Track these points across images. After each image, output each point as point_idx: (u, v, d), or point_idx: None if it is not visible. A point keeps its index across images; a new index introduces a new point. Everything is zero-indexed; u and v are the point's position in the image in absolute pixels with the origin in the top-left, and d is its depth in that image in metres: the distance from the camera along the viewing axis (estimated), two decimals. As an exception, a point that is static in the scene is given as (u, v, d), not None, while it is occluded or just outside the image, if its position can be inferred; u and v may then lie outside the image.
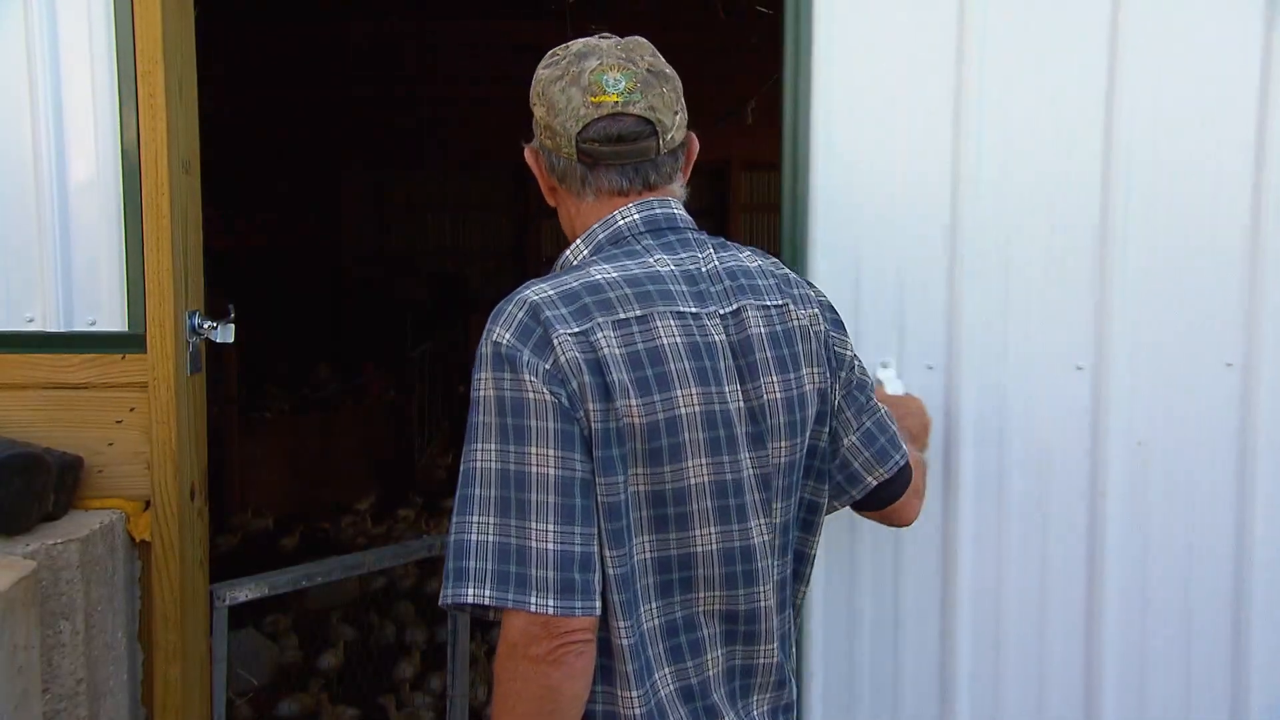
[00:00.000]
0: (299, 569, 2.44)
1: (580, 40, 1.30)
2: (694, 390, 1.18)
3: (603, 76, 1.24)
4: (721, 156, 17.25)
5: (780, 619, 1.28)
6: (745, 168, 17.95)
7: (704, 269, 1.27)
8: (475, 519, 1.12)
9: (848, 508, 1.41)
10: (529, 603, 1.10)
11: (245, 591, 2.22)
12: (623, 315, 1.18)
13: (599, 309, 1.18)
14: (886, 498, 1.37)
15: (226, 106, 8.31)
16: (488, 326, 1.19)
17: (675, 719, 1.20)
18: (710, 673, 1.24)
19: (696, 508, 1.19)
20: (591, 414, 1.14)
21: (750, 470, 1.22)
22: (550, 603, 1.11)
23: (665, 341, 1.19)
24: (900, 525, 1.45)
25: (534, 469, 1.12)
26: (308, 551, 6.42)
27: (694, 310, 1.22)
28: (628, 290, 1.20)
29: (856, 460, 1.34)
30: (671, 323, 1.20)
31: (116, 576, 1.90)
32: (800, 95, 1.90)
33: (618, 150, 1.26)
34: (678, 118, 1.30)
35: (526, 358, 1.14)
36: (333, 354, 17.18)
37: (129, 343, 1.92)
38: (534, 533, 1.11)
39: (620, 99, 1.24)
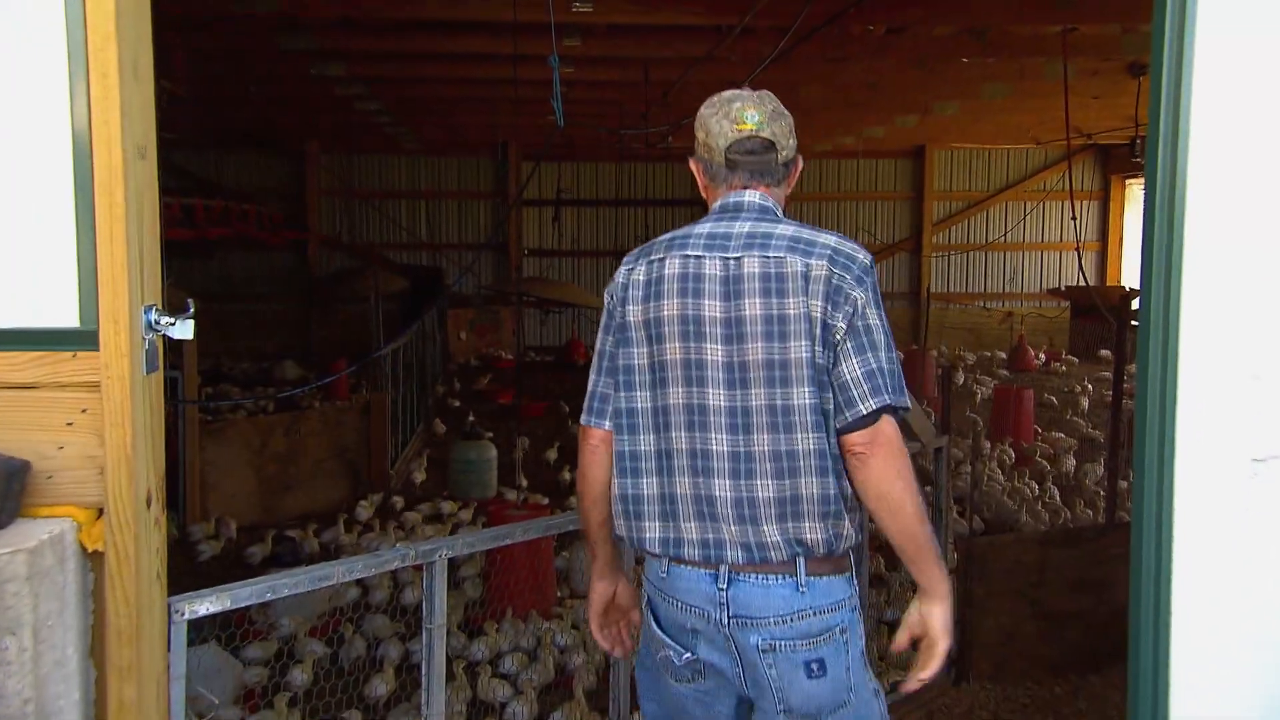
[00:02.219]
0: (263, 580, 2.43)
1: (730, 90, 2.20)
2: (674, 300, 2.11)
3: (744, 112, 2.15)
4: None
5: (785, 462, 2.05)
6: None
7: (731, 231, 2.13)
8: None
9: None
10: (582, 417, 2.26)
11: (205, 605, 2.20)
12: (654, 256, 2.18)
13: (644, 253, 2.21)
14: (843, 431, 2.06)
15: (185, 87, 8.24)
16: None
17: (650, 510, 2.17)
18: (679, 491, 2.14)
19: (671, 374, 2.12)
20: (617, 311, 2.20)
21: (716, 357, 2.08)
22: (583, 417, 2.25)
23: (669, 272, 2.13)
24: (856, 477, 2.06)
25: (597, 343, 2.25)
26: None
27: (697, 254, 2.12)
28: (665, 241, 2.20)
29: (840, 396, 2.05)
30: (677, 260, 2.14)
31: (67, 589, 1.89)
32: (1183, 73, 1.81)
33: (749, 159, 2.16)
34: (790, 142, 2.19)
35: (610, 283, 2.24)
36: (300, 351, 17.15)
37: (81, 340, 1.90)
38: (589, 380, 2.25)
39: (754, 127, 2.14)
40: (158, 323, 1.96)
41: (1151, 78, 1.89)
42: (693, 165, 2.25)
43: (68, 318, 1.90)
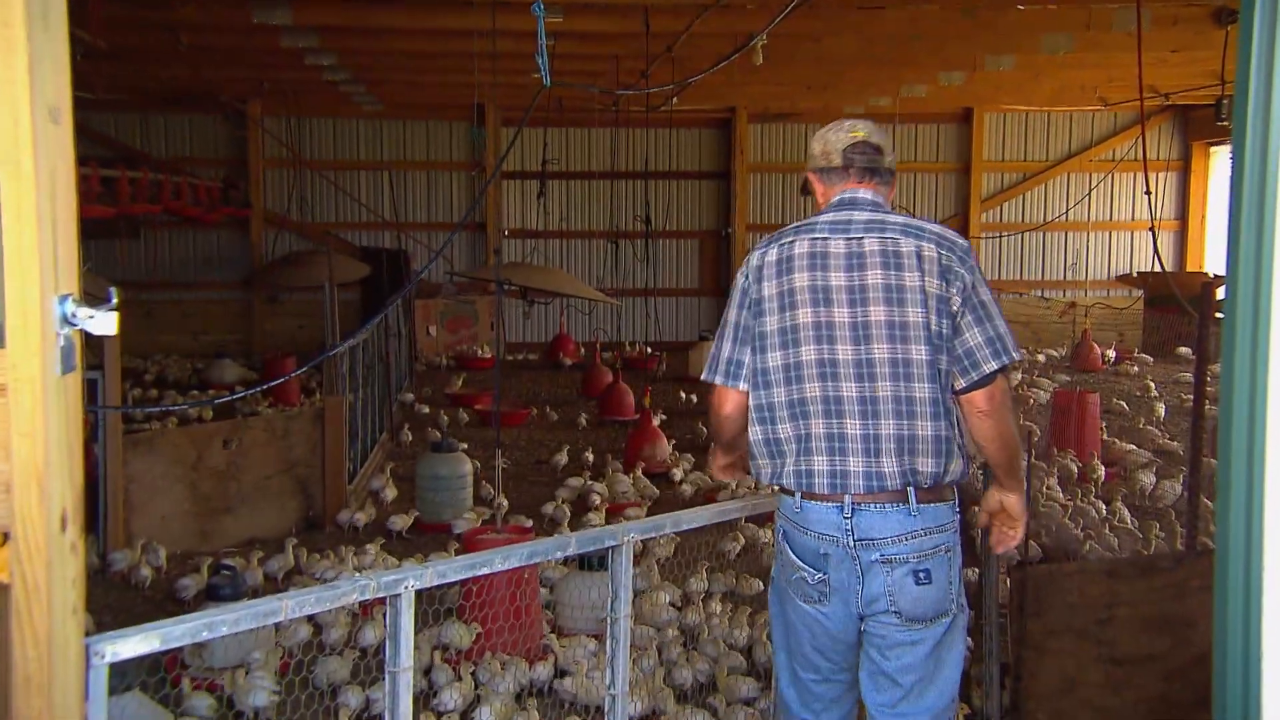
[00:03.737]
0: (198, 617, 2.43)
1: (844, 119, 3.30)
2: (805, 274, 3.07)
3: (856, 125, 3.23)
4: (724, 105, 17.30)
5: (904, 406, 3.01)
6: (754, 119, 18.01)
7: (852, 218, 3.11)
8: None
9: None
10: (713, 377, 3.24)
11: (130, 645, 2.20)
12: (784, 240, 3.15)
13: (775, 239, 3.18)
14: (962, 391, 3.05)
15: (104, 37, 8.24)
16: None
17: (789, 449, 3.10)
18: (814, 431, 3.06)
19: (804, 335, 3.06)
20: (752, 289, 3.16)
21: (842, 318, 3.03)
22: (718, 379, 3.23)
23: (799, 251, 3.09)
24: (977, 427, 3.07)
25: (728, 316, 3.24)
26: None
27: (823, 236, 3.09)
28: (794, 228, 3.17)
29: (965, 360, 3.02)
30: (805, 241, 3.10)
31: (-32, 628, 1.88)
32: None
33: (865, 156, 3.16)
34: (892, 156, 3.24)
35: (743, 265, 3.25)
36: (242, 348, 17.15)
37: (-17, 335, 1.89)
38: (717, 348, 3.25)
39: (865, 135, 3.18)
40: (74, 315, 1.96)
41: (1241, 26, 1.89)
42: (811, 177, 3.27)
43: (-32, 309, 1.90)
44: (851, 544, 3.02)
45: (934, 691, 3.12)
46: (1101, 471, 9.37)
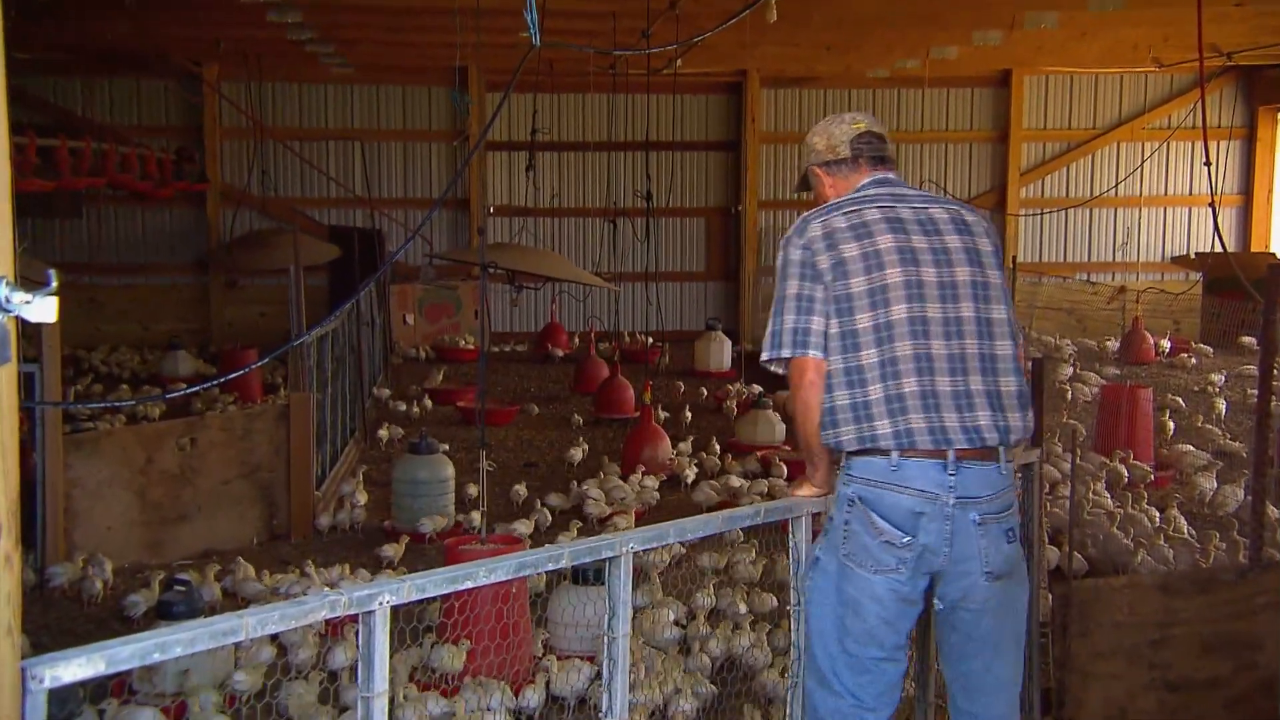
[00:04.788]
0: (148, 637, 2.43)
1: (841, 113, 3.80)
2: (887, 236, 3.47)
3: (856, 116, 3.73)
4: (734, 69, 17.27)
5: (989, 364, 3.43)
6: (767, 85, 18.00)
7: (901, 192, 3.60)
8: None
9: None
10: (779, 351, 3.53)
11: (72, 668, 2.19)
12: (846, 210, 3.53)
13: (828, 210, 3.57)
14: None
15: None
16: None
17: (878, 411, 3.36)
18: (906, 390, 3.35)
19: (894, 295, 3.42)
20: (823, 255, 3.48)
21: (930, 277, 3.43)
22: (794, 351, 3.50)
23: (871, 216, 3.50)
24: None
25: (788, 289, 3.56)
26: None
27: (888, 204, 3.54)
28: (844, 202, 3.58)
29: (1012, 325, 3.56)
30: (872, 209, 3.52)
31: (-109, 649, 1.88)
32: None
33: (872, 145, 3.66)
34: (892, 145, 3.74)
35: (792, 238, 3.61)
36: (198, 338, 17.15)
37: (-93, 321, 1.89)
38: (780, 321, 3.59)
39: (867, 125, 3.70)
40: (8, 301, 1.96)
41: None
42: (818, 172, 3.69)
43: (-110, 293, 1.89)
44: (951, 502, 3.33)
45: (1012, 640, 3.54)
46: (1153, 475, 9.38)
